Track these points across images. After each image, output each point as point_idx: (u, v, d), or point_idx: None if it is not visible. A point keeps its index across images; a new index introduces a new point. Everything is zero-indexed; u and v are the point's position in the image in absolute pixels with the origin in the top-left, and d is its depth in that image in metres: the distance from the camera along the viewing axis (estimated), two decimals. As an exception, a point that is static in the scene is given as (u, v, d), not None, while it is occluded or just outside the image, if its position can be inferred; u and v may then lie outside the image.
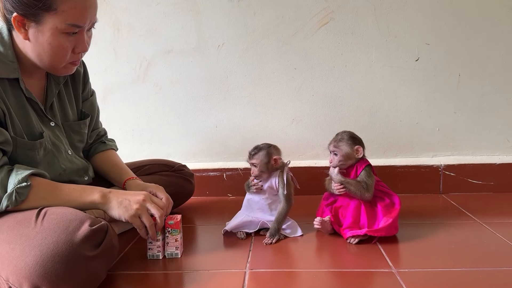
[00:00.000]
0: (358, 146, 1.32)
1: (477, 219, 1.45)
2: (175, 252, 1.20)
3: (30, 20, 1.01)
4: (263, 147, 1.34)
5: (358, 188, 1.29)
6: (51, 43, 1.04)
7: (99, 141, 1.40)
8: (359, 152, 1.32)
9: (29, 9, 0.99)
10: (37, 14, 1.00)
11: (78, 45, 1.07)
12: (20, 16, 1.01)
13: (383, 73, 1.76)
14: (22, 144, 1.07)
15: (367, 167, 1.32)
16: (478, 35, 1.72)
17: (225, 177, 1.84)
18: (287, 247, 1.27)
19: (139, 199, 1.10)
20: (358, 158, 1.33)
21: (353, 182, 1.30)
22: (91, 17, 1.06)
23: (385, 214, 1.28)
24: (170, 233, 1.19)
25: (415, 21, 1.72)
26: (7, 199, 0.98)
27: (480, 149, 1.80)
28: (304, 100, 1.79)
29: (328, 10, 1.72)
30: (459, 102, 1.77)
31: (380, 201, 1.32)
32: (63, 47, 1.05)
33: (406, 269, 1.09)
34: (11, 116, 1.05)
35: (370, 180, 1.30)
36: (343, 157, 1.32)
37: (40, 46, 1.05)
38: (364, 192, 1.29)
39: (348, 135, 1.34)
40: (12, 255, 0.90)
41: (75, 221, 0.94)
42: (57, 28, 1.02)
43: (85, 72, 1.32)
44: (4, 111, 1.04)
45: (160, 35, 1.77)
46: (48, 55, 1.06)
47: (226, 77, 1.79)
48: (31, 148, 1.09)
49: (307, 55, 1.76)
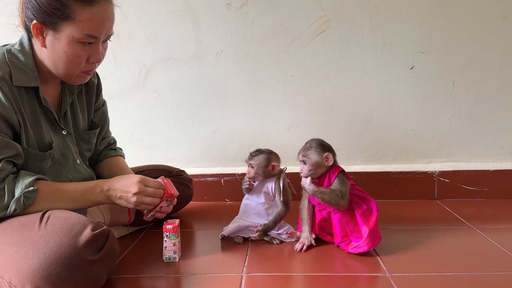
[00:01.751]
0: (328, 153, 1.27)
1: (470, 225, 1.48)
2: (173, 256, 1.22)
3: (48, 28, 1.05)
4: (264, 151, 1.37)
5: (332, 197, 1.23)
6: (67, 51, 1.07)
7: (109, 148, 1.44)
8: (329, 159, 1.27)
9: (48, 17, 1.03)
10: (55, 22, 1.04)
11: (92, 55, 1.10)
12: (39, 24, 1.05)
13: (378, 81, 1.79)
14: (33, 155, 1.10)
15: (340, 173, 1.27)
16: (472, 43, 1.75)
17: (222, 182, 1.86)
18: (284, 251, 1.29)
19: (133, 191, 1.12)
20: (329, 166, 1.28)
21: (327, 191, 1.24)
22: (108, 29, 1.09)
23: (364, 223, 1.24)
24: (168, 237, 1.21)
25: (410, 29, 1.75)
26: (15, 203, 1.01)
27: (474, 156, 1.82)
28: (301, 106, 1.82)
29: (324, 19, 1.75)
30: (453, 109, 1.80)
31: (357, 207, 1.26)
32: (78, 56, 1.08)
33: (400, 273, 1.11)
34: (26, 127, 1.08)
35: (344, 187, 1.24)
36: (312, 165, 1.27)
37: (56, 54, 1.08)
38: (339, 201, 1.23)
39: (316, 143, 1.29)
40: (16, 258, 0.92)
41: (78, 225, 0.96)
42: (74, 37, 1.05)
43: (98, 82, 1.35)
44: (20, 122, 1.06)
45: (159, 42, 1.80)
46: (63, 63, 1.09)
47: (225, 83, 1.82)
48: (41, 159, 1.12)
49: (304, 63, 1.79)
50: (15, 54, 1.09)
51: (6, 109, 1.02)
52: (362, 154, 1.84)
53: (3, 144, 1.02)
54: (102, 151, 1.42)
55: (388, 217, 1.58)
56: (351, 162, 1.84)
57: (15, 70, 1.07)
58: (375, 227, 1.23)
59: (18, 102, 1.07)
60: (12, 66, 1.07)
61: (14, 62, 1.08)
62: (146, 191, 1.13)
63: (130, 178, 1.14)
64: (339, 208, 1.25)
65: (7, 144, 1.03)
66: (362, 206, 1.26)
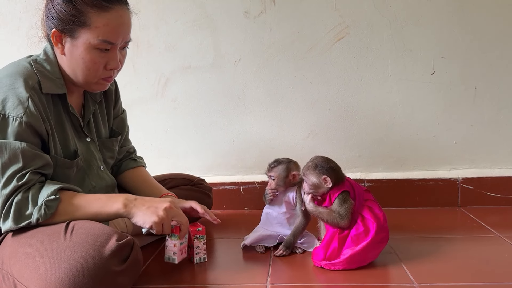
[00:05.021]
0: (325, 177, 1.21)
1: (497, 233, 1.44)
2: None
3: (66, 35, 1.07)
4: (283, 161, 1.35)
5: (330, 218, 1.19)
6: (84, 58, 1.08)
7: (129, 158, 1.43)
8: (327, 182, 1.21)
9: (66, 25, 1.05)
10: (72, 29, 1.06)
11: (110, 62, 1.11)
12: (58, 32, 1.07)
13: (399, 87, 1.77)
14: (61, 163, 1.11)
15: (340, 194, 1.20)
16: (494, 48, 1.72)
17: (241, 191, 1.85)
18: (306, 261, 1.27)
19: (166, 206, 1.08)
20: (329, 187, 1.22)
21: (325, 212, 1.20)
22: (124, 35, 1.10)
23: (349, 246, 1.18)
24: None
25: (430, 35, 1.73)
26: (37, 212, 1.01)
27: (497, 162, 1.79)
28: (320, 113, 1.81)
29: (343, 25, 1.74)
30: (475, 115, 1.76)
31: (354, 228, 1.20)
32: (95, 62, 1.09)
33: (428, 284, 1.08)
34: (53, 136, 1.10)
35: (342, 208, 1.18)
36: (311, 186, 1.23)
37: (74, 61, 1.09)
38: (339, 221, 1.18)
39: (315, 164, 1.23)
40: (42, 269, 0.92)
41: (103, 236, 0.96)
42: (90, 43, 1.06)
43: (116, 90, 1.37)
44: (48, 131, 1.08)
45: (178, 52, 1.81)
46: (81, 70, 1.10)
47: (243, 91, 1.82)
48: (69, 166, 1.13)
49: (323, 70, 1.78)
50: (41, 64, 1.11)
51: (36, 119, 1.03)
52: (383, 161, 1.81)
53: (31, 155, 1.03)
54: (121, 160, 1.42)
55: (411, 226, 1.55)
56: (372, 169, 1.82)
57: (43, 79, 1.08)
58: (362, 252, 1.17)
59: (46, 110, 1.08)
60: (40, 75, 1.08)
61: (41, 71, 1.10)
62: (176, 211, 1.12)
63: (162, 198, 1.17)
64: (339, 228, 1.21)
65: (35, 155, 1.03)
66: (359, 228, 1.19)
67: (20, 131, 1.02)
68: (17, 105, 1.02)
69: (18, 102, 1.02)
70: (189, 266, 1.25)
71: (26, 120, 1.02)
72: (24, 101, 1.03)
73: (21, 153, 1.01)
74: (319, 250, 1.22)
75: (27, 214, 1.02)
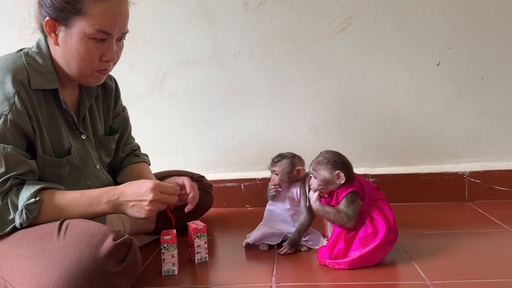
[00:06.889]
0: (339, 172, 1.15)
1: (508, 227, 1.40)
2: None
3: (60, 24, 1.02)
4: (287, 156, 1.31)
5: (337, 218, 1.14)
6: (78, 48, 1.03)
7: (133, 154, 1.39)
8: (340, 178, 1.15)
9: (60, 13, 1.00)
10: (66, 17, 1.01)
11: (105, 53, 1.06)
12: (52, 20, 1.02)
13: (403, 79, 1.72)
14: (50, 162, 1.06)
15: (348, 194, 1.14)
16: (501, 38, 1.68)
17: (243, 188, 1.80)
18: (312, 259, 1.22)
19: (149, 199, 1.03)
20: (341, 184, 1.16)
21: (332, 211, 1.15)
22: (121, 25, 1.05)
23: (357, 247, 1.14)
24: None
25: (435, 25, 1.68)
26: (19, 216, 0.97)
27: (506, 155, 1.74)
28: (322, 107, 1.76)
29: (346, 16, 1.69)
30: (483, 106, 1.72)
31: (362, 229, 1.15)
32: (90, 53, 1.03)
33: (441, 281, 1.04)
34: (41, 134, 1.04)
35: (350, 209, 1.13)
36: (322, 181, 1.16)
37: (68, 52, 1.04)
38: (345, 222, 1.13)
39: (327, 158, 1.17)
40: (34, 271, 0.88)
41: (98, 235, 0.92)
42: (85, 32, 1.01)
43: (116, 87, 1.32)
44: (35, 129, 1.02)
45: (175, 45, 1.76)
46: (75, 61, 1.05)
47: (243, 86, 1.77)
48: (58, 165, 1.07)
49: (325, 62, 1.73)
50: (33, 57, 1.06)
51: (21, 116, 0.99)
52: (388, 155, 1.77)
53: (15, 161, 0.98)
54: (125, 158, 1.37)
55: (419, 221, 1.50)
56: (377, 164, 1.77)
57: (33, 73, 1.03)
58: (370, 254, 1.13)
59: (35, 107, 1.03)
60: (30, 69, 1.03)
61: (32, 65, 1.05)
62: (162, 198, 1.05)
63: (143, 185, 1.05)
64: (346, 229, 1.15)
65: (19, 161, 0.99)
66: (367, 229, 1.14)
67: (4, 130, 0.97)
68: (3, 101, 0.97)
69: (4, 98, 0.98)
70: (190, 266, 1.21)
71: (11, 118, 0.97)
72: (10, 97, 0.98)
73: (4, 158, 0.97)
74: (324, 250, 1.18)
75: (10, 219, 0.98)
